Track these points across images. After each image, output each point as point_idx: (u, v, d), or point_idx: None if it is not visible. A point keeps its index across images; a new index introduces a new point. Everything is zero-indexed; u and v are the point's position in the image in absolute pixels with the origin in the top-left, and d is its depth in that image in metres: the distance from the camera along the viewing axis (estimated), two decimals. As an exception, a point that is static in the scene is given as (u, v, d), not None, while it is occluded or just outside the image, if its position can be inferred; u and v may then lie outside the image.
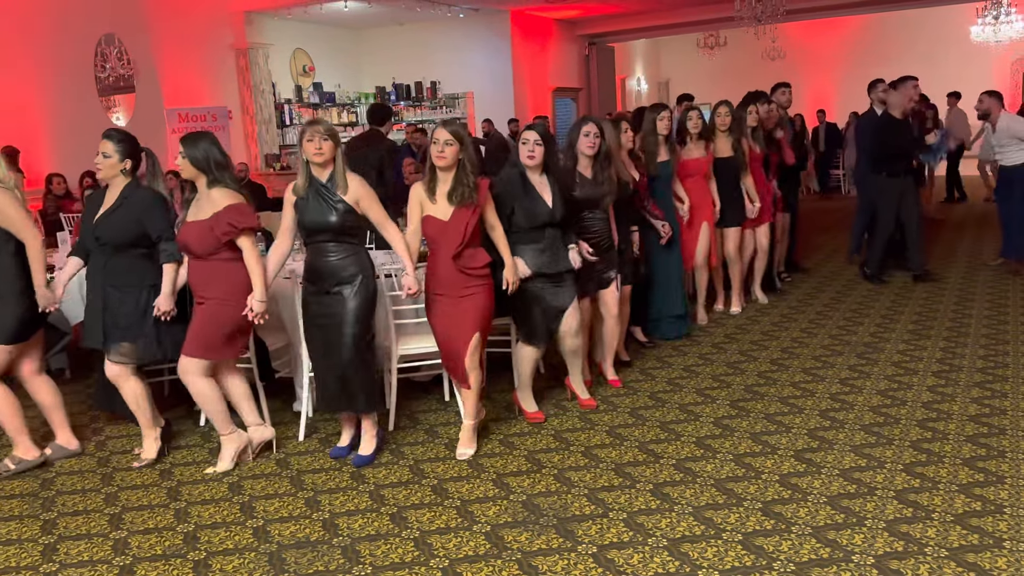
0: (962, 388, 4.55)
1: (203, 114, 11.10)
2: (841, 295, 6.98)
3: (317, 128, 3.78)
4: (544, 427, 4.33)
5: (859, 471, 3.60)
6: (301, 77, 13.64)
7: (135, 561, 3.17)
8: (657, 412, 4.46)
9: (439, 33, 14.13)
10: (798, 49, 18.53)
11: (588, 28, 16.09)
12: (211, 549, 3.23)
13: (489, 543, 3.16)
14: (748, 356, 5.38)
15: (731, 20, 13.03)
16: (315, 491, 3.71)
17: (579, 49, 16.45)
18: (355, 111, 13.91)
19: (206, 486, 3.82)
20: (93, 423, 4.71)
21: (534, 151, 4.17)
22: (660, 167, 5.63)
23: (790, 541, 3.05)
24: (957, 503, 3.26)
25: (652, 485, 3.58)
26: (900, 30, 17.35)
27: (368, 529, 3.32)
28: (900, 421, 4.13)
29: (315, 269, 3.88)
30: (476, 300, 3.96)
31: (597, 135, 4.48)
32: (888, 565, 2.85)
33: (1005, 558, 2.85)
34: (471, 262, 3.94)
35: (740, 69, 17.48)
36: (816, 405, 4.43)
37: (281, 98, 13.03)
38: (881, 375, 4.85)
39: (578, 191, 4.48)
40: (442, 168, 3.88)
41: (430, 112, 14.12)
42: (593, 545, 3.10)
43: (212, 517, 3.51)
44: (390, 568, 3.02)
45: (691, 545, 3.06)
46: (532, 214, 4.17)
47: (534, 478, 3.71)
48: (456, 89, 14.12)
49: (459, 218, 3.88)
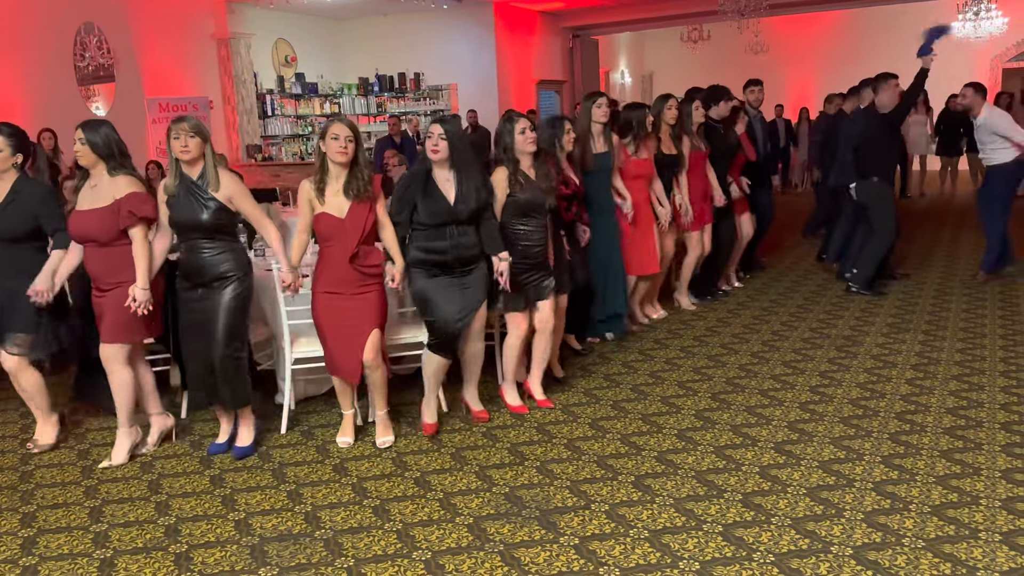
0: (940, 381, 4.60)
1: (184, 104, 11.00)
2: (819, 291, 7.03)
3: (183, 126, 3.74)
4: (527, 419, 4.34)
5: (838, 463, 3.64)
6: (283, 67, 13.53)
7: (116, 554, 3.15)
8: (639, 405, 4.48)
9: (423, 24, 14.07)
10: (781, 43, 18.60)
11: (572, 20, 16.07)
12: (192, 542, 3.22)
13: (472, 535, 3.17)
14: (729, 350, 5.42)
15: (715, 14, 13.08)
16: (297, 484, 3.70)
17: (563, 42, 16.43)
18: (337, 102, 13.83)
19: (187, 479, 3.81)
20: (73, 415, 4.67)
21: (438, 145, 3.96)
22: (597, 160, 5.25)
23: (770, 532, 3.08)
24: (934, 494, 3.31)
25: (634, 477, 3.60)
26: (882, 25, 17.45)
27: (351, 522, 3.32)
28: (879, 413, 4.18)
29: (189, 266, 3.85)
30: (372, 298, 3.92)
31: (533, 129, 4.27)
32: (866, 556, 2.89)
33: (980, 549, 2.89)
34: (367, 260, 3.88)
35: (723, 63, 17.54)
36: (796, 398, 4.47)
37: (263, 88, 12.93)
38: (860, 368, 4.90)
39: (521, 194, 4.24)
40: (341, 164, 3.78)
41: (414, 104, 14.07)
42: (575, 537, 3.12)
43: (193, 510, 3.49)
44: (373, 560, 3.02)
45: (672, 536, 3.09)
46: (433, 211, 3.97)
47: (517, 470, 3.72)
48: (440, 81, 14.07)
49: (357, 215, 3.81)
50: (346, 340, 3.90)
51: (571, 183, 4.83)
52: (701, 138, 6.20)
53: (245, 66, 12.39)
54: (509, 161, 4.24)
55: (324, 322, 3.93)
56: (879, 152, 6.55)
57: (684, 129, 6.04)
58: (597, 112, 5.24)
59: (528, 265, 4.29)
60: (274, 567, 3.01)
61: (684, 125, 6.05)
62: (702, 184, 6.22)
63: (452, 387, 4.53)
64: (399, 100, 14.14)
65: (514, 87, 14.61)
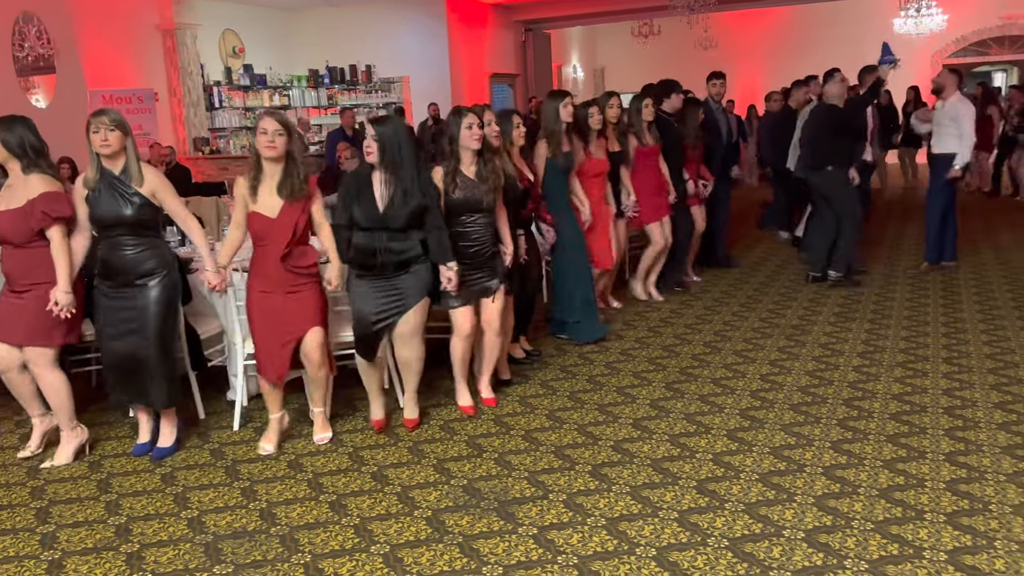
0: (885, 368, 4.73)
1: (128, 96, 10.73)
2: (768, 281, 7.16)
3: (102, 119, 3.66)
4: (485, 412, 4.34)
5: (789, 449, 3.72)
6: (231, 59, 13.28)
7: (64, 555, 3.07)
8: (595, 395, 4.52)
9: (374, 16, 13.93)
10: (730, 39, 18.86)
11: (524, 14, 16.07)
12: (144, 541, 3.16)
13: (430, 528, 3.16)
14: (682, 340, 5.49)
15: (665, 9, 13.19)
16: (251, 481, 3.65)
17: (515, 35, 16.43)
18: (287, 94, 13.63)
19: (138, 478, 3.73)
20: (16, 415, 4.53)
21: (371, 147, 3.84)
22: (566, 158, 5.29)
23: (724, 518, 3.14)
24: (882, 478, 3.40)
25: (591, 467, 3.63)
26: (827, 22, 17.81)
27: (307, 517, 3.29)
28: (827, 400, 4.28)
29: (110, 264, 3.75)
30: (307, 297, 3.82)
31: (480, 125, 4.14)
32: (817, 539, 2.96)
33: (927, 529, 2.99)
34: (300, 260, 3.79)
35: (674, 58, 17.71)
36: (747, 386, 4.55)
37: (210, 80, 12.67)
38: (809, 356, 5.00)
39: (458, 192, 4.13)
40: (271, 159, 3.71)
41: (365, 96, 13.92)
42: (533, 526, 3.13)
43: (145, 509, 3.42)
44: (330, 556, 3.00)
45: (629, 524, 3.12)
46: (364, 216, 3.87)
47: (475, 462, 3.73)
48: (391, 73, 13.94)
49: (289, 214, 3.72)
50: (275, 340, 3.81)
51: (523, 178, 4.79)
52: (653, 132, 6.21)
53: (191, 57, 12.13)
54: (451, 156, 4.15)
55: (255, 321, 3.86)
56: (832, 143, 6.62)
57: (631, 125, 6.05)
58: (564, 112, 5.21)
59: (470, 265, 4.18)
60: (229, 564, 2.97)
61: (632, 121, 6.06)
62: (656, 178, 6.23)
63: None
64: (350, 92, 13.98)
65: (467, 80, 14.56)
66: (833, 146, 6.61)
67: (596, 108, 5.60)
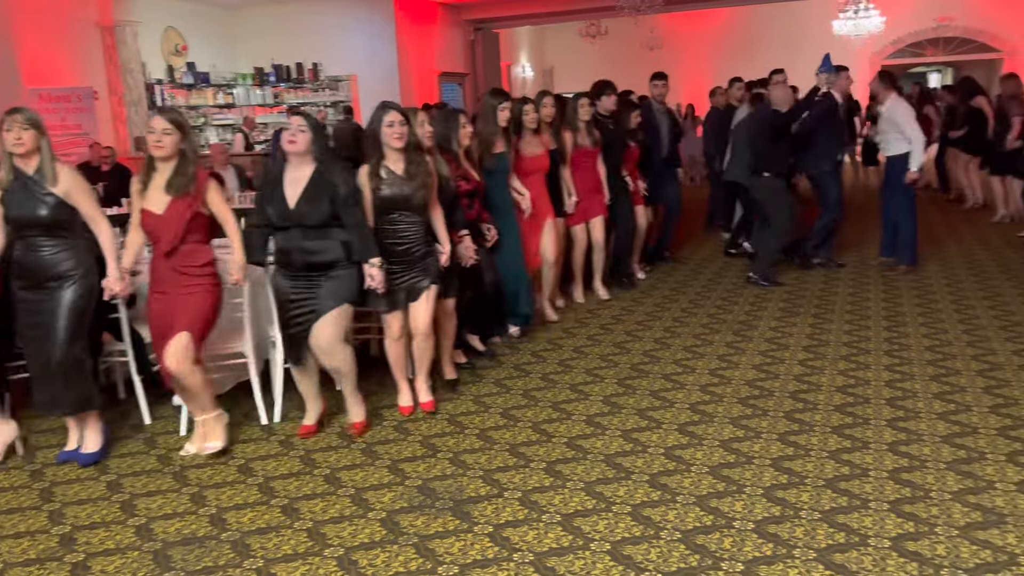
0: (829, 362, 4.85)
1: (67, 94, 10.43)
2: (716, 279, 7.28)
3: (16, 118, 3.59)
4: (439, 412, 4.33)
5: (738, 442, 3.79)
6: (173, 56, 13.00)
7: (6, 567, 2.98)
8: (549, 393, 4.54)
9: (320, 13, 13.77)
10: (676, 39, 19.12)
11: (473, 13, 16.06)
12: (90, 550, 3.08)
13: (385, 529, 3.14)
14: (634, 336, 5.55)
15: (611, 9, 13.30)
16: (200, 486, 3.58)
17: (464, 34, 16.40)
18: (232, 92, 13.40)
19: (82, 486, 3.63)
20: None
21: (296, 137, 3.75)
22: (497, 160, 5.17)
23: (676, 510, 3.19)
24: (827, 468, 3.49)
25: (545, 464, 3.65)
26: (769, 23, 18.17)
27: (258, 522, 3.24)
28: (774, 393, 4.37)
29: (25, 265, 3.68)
30: (192, 299, 3.69)
31: (403, 123, 4.03)
32: (766, 529, 3.02)
33: (871, 517, 3.07)
34: (188, 259, 3.68)
35: (621, 58, 17.90)
36: (697, 381, 4.62)
37: (151, 78, 12.38)
38: (755, 351, 5.10)
39: (384, 189, 4.02)
40: (160, 158, 3.63)
41: (312, 94, 13.76)
42: (489, 525, 3.14)
43: (90, 517, 3.34)
44: (283, 560, 2.96)
45: (583, 519, 3.15)
46: (276, 213, 3.79)
47: (429, 463, 3.72)
48: (339, 71, 13.81)
49: (174, 211, 3.63)
50: (163, 343, 3.72)
51: (471, 179, 4.74)
52: (592, 133, 6.14)
53: (132, 55, 11.84)
54: (374, 152, 4.05)
55: (150, 323, 3.79)
56: (772, 149, 6.70)
57: (567, 124, 5.98)
58: (501, 116, 5.13)
59: (399, 264, 4.09)
60: (179, 571, 2.91)
61: (570, 119, 6.02)
62: (591, 178, 6.17)
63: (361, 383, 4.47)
64: (297, 91, 13.80)
65: (416, 79, 14.48)
66: (772, 152, 6.70)
67: (531, 106, 5.56)
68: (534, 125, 5.55)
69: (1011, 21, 16.91)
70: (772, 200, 6.78)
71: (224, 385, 4.63)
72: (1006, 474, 3.35)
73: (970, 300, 6.07)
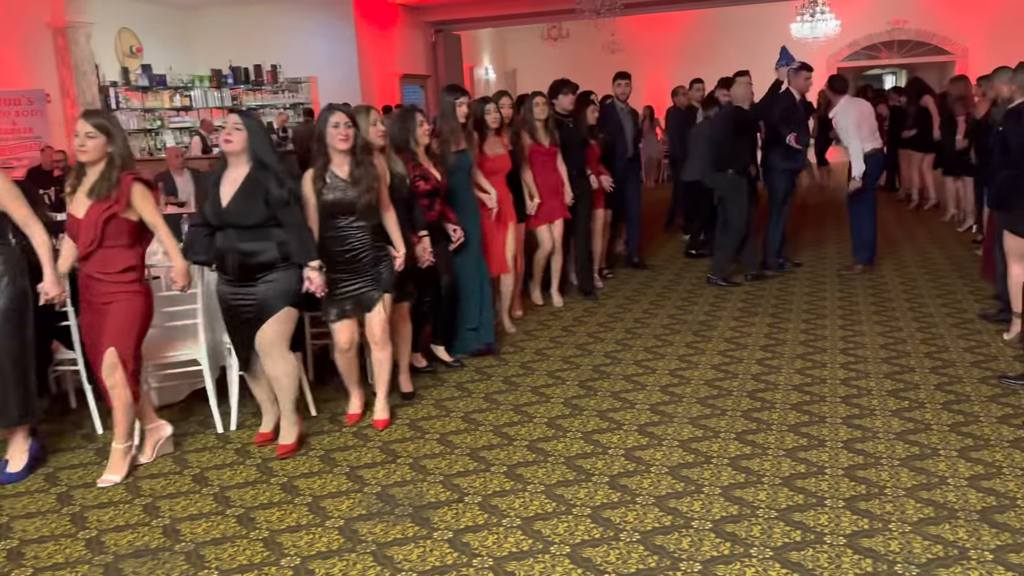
0: (787, 360, 4.90)
1: (17, 97, 10.19)
2: (675, 280, 7.34)
3: None
4: (399, 417, 4.30)
5: (696, 441, 3.81)
6: (128, 58, 12.77)
7: (-52, 586, 2.89)
8: (510, 396, 4.53)
9: (278, 15, 13.63)
10: (636, 43, 19.24)
11: (434, 15, 16.01)
12: (38, 565, 3.00)
13: (343, 537, 3.11)
14: (595, 338, 5.56)
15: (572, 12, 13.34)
16: (153, 497, 3.51)
17: (425, 36, 16.34)
18: (189, 94, 13.20)
19: (31, 498, 3.54)
20: None
21: (232, 136, 3.66)
22: (458, 158, 5.02)
23: (635, 512, 3.19)
24: (784, 467, 3.52)
25: (506, 467, 3.64)
26: (728, 27, 18.37)
27: (213, 533, 3.18)
28: (732, 393, 4.41)
29: None
30: (111, 309, 3.57)
31: (349, 125, 3.90)
32: (724, 529, 3.04)
33: (827, 515, 3.10)
34: (102, 266, 3.56)
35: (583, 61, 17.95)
36: (657, 381, 4.64)
37: (106, 80, 12.15)
38: (715, 351, 5.14)
39: (328, 193, 3.90)
40: (86, 162, 3.55)
41: (271, 97, 13.62)
42: (449, 530, 3.12)
43: (39, 531, 3.25)
44: (238, 571, 2.91)
45: (543, 523, 3.14)
46: (211, 212, 3.70)
47: (389, 468, 3.68)
48: (298, 73, 13.68)
49: (92, 215, 3.52)
50: (95, 354, 3.63)
51: (431, 178, 4.68)
52: (551, 132, 6.06)
53: (85, 57, 11.60)
54: (319, 155, 3.95)
55: (81, 334, 3.71)
56: (734, 146, 6.72)
57: (525, 125, 5.90)
58: (460, 111, 5.01)
59: (344, 272, 3.98)
60: (131, 585, 2.85)
61: (526, 120, 5.92)
62: (552, 178, 6.07)
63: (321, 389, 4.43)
64: (256, 93, 13.65)
65: (377, 81, 14.40)
66: (734, 149, 6.73)
67: (493, 105, 5.48)
68: (496, 124, 5.46)
69: (962, 24, 17.31)
70: (732, 197, 6.82)
71: (179, 393, 4.57)
72: (958, 469, 3.41)
73: (924, 299, 6.19)
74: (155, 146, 12.54)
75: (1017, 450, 3.56)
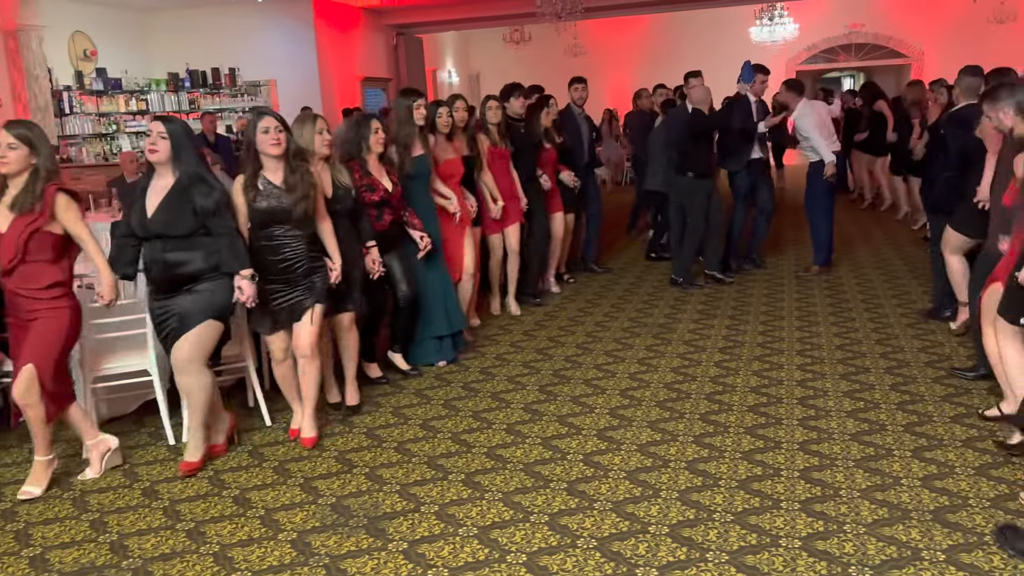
0: (744, 362, 4.93)
1: (-35, 101, 9.91)
2: (636, 283, 7.36)
3: None
4: (356, 425, 4.24)
5: (655, 445, 3.81)
6: (82, 62, 12.51)
7: None
8: (470, 402, 4.49)
9: (236, 18, 13.45)
10: (599, 46, 19.32)
11: (395, 18, 15.91)
12: (-23, 587, 2.90)
13: (295, 551, 3.05)
14: (556, 342, 5.55)
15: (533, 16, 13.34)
16: (101, 512, 3.42)
17: (387, 39, 16.24)
18: (145, 98, 12.97)
19: (-29, 517, 3.43)
20: None
21: (157, 145, 3.53)
22: (416, 163, 4.94)
23: (592, 518, 3.17)
24: (741, 469, 3.53)
25: (464, 475, 3.60)
26: (689, 30, 18.52)
27: (162, 548, 3.10)
28: (691, 396, 4.41)
29: None
30: (35, 326, 3.46)
31: (280, 129, 3.76)
32: (681, 533, 3.03)
33: (782, 518, 3.11)
34: (26, 282, 3.45)
35: (545, 64, 17.97)
36: (617, 385, 4.64)
37: (59, 84, 11.89)
38: (674, 354, 5.16)
39: (261, 201, 3.75)
40: (7, 175, 3.44)
41: (230, 100, 13.42)
42: (404, 542, 3.07)
43: (-22, 551, 3.15)
44: (187, 587, 2.84)
45: (500, 531, 3.11)
46: (137, 223, 3.57)
47: (344, 479, 3.63)
48: (257, 76, 13.50)
49: (15, 229, 3.41)
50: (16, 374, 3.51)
51: (379, 188, 4.53)
52: (505, 137, 6.02)
53: (37, 60, 11.34)
54: (250, 162, 3.81)
55: (10, 351, 3.59)
56: (692, 149, 6.72)
57: (480, 128, 5.84)
58: (416, 114, 4.93)
59: (277, 282, 3.84)
60: (74, 606, 2.77)
61: (482, 125, 5.86)
62: (506, 183, 5.96)
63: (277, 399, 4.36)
64: (214, 96, 13.43)
65: (337, 84, 14.27)
66: (693, 152, 6.72)
67: (446, 109, 5.38)
68: (447, 129, 5.35)
69: (918, 28, 17.63)
70: (691, 200, 6.81)
71: (129, 405, 4.47)
72: (911, 470, 3.45)
73: (879, 299, 6.27)
74: (111, 151, 12.29)
75: (969, 449, 3.61)
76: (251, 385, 4.44)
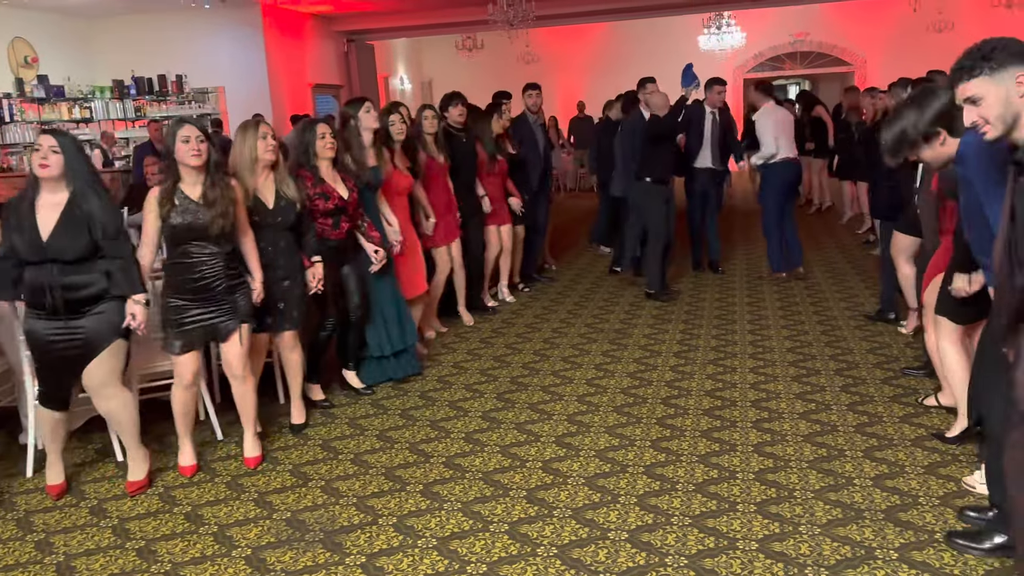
0: (699, 366, 4.98)
1: None
2: (592, 289, 7.39)
3: None
4: (311, 437, 4.17)
5: (613, 451, 3.82)
6: (23, 69, 12.17)
7: None
8: (427, 411, 4.46)
9: (183, 24, 13.21)
10: (551, 53, 19.42)
11: (345, 25, 15.79)
12: (-86, 616, 2.78)
13: (250, 567, 2.98)
14: (513, 349, 5.54)
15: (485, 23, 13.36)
16: (47, 532, 3.31)
17: (338, 46, 16.11)
18: (89, 106, 12.65)
19: (-93, 542, 3.29)
20: None
21: (48, 159, 3.29)
22: (372, 173, 4.78)
23: (552, 525, 3.17)
24: (697, 472, 3.56)
25: (422, 486, 3.57)
26: (640, 38, 18.72)
27: (111, 568, 3.01)
28: (647, 400, 4.44)
29: None
30: None
31: (201, 139, 3.54)
32: (640, 538, 3.04)
33: (739, 520, 3.15)
34: None
35: (499, 71, 17.99)
36: (574, 391, 4.65)
37: (-1, 92, 11.56)
38: (630, 359, 5.19)
39: (176, 216, 3.53)
40: None
41: (177, 107, 13.17)
42: (362, 555, 3.03)
43: (-85, 578, 3.02)
44: (138, 608, 2.76)
45: (460, 541, 3.09)
46: (28, 245, 3.31)
47: (299, 493, 3.56)
48: (205, 83, 13.28)
49: None
50: None
51: (332, 196, 4.41)
52: (444, 148, 5.78)
53: (-26, 67, 11.01)
54: (169, 174, 3.60)
55: None
56: (651, 154, 6.68)
57: (420, 140, 5.59)
58: (368, 119, 4.77)
59: (194, 301, 3.62)
60: (18, 631, 2.67)
61: (420, 136, 5.62)
62: (445, 196, 5.77)
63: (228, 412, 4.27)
64: (161, 104, 13.17)
65: (287, 91, 14.11)
66: (651, 157, 6.69)
67: (398, 116, 5.15)
68: (401, 136, 5.17)
69: (860, 37, 18.07)
70: (647, 205, 6.78)
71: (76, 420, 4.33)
72: (863, 470, 3.51)
73: (828, 301, 6.39)
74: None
75: (919, 448, 3.69)
76: (201, 399, 4.33)
